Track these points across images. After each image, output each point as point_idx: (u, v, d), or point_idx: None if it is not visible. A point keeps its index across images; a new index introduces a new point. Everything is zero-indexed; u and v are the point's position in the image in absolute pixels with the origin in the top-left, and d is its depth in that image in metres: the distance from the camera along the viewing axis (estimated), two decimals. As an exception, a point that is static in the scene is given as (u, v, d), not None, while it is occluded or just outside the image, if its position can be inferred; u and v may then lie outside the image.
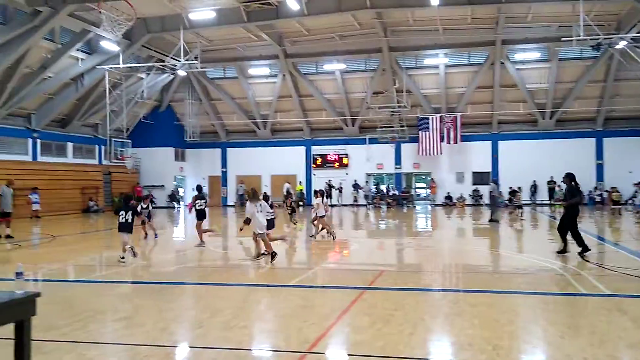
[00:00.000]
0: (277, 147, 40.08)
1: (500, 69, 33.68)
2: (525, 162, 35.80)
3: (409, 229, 22.68)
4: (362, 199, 38.25)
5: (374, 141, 37.63)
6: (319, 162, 39.67)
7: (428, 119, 36.28)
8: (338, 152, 39.45)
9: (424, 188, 40.46)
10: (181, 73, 32.80)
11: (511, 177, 33.95)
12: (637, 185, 29.11)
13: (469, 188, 37.39)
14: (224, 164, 41.51)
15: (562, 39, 26.19)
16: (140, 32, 29.95)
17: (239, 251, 14.95)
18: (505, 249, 15.05)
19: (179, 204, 39.29)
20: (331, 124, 38.98)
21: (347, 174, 39.06)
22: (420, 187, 40.72)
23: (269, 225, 12.86)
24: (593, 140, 35.69)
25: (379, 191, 39.06)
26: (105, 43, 28.90)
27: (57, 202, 30.69)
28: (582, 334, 6.37)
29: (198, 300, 8.81)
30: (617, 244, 15.52)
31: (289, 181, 38.06)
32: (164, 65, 31.81)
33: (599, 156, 35.58)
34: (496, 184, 24.11)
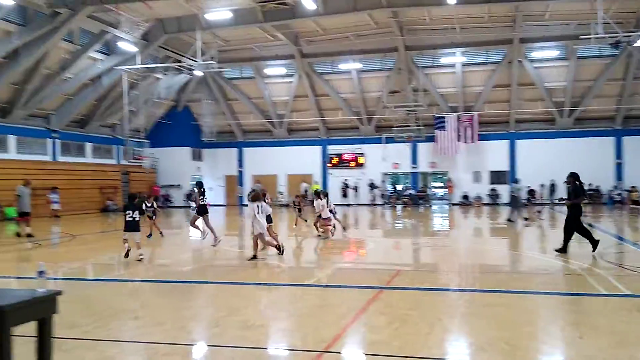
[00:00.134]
0: (293, 146, 40.15)
1: (518, 67, 33.42)
2: (543, 161, 35.44)
3: (425, 228, 22.59)
4: (378, 198, 38.17)
5: (390, 140, 37.53)
6: (335, 161, 39.67)
7: (445, 118, 36.10)
8: (354, 152, 39.41)
9: (440, 187, 40.27)
10: (198, 73, 33.01)
11: (529, 177, 33.61)
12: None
13: (486, 187, 37.13)
14: (241, 163, 41.68)
15: (581, 37, 25.91)
16: (158, 32, 30.21)
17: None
18: (523, 248, 14.93)
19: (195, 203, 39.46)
20: (347, 123, 38.96)
21: (363, 173, 39.00)
22: (436, 187, 40.53)
23: (267, 220, 13.00)
24: (612, 139, 35.26)
25: (395, 191, 38.96)
26: (123, 44, 29.19)
27: (76, 201, 31.04)
28: (602, 334, 6.30)
29: (215, 299, 8.86)
30: (637, 243, 15.32)
31: (306, 181, 38.14)
32: (180, 66, 32.05)
33: (618, 155, 35.14)
34: (517, 184, 23.89)
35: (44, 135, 30.80)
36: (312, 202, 17.81)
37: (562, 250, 12.20)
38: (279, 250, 12.34)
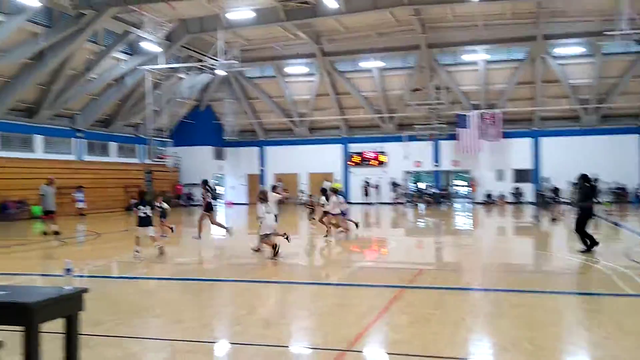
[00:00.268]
0: (315, 145, 40.14)
1: (542, 64, 32.97)
2: (567, 159, 34.86)
3: (447, 227, 22.44)
4: (400, 197, 38.01)
5: (412, 139, 37.33)
6: (356, 160, 39.60)
7: (467, 116, 35.80)
8: (375, 150, 39.29)
9: (463, 186, 39.95)
10: (220, 73, 33.24)
11: (553, 175, 33.15)
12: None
13: (509, 186, 36.74)
14: (262, 162, 41.84)
15: (605, 33, 25.46)
16: (180, 32, 30.47)
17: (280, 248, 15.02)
18: (548, 248, 14.75)
19: (216, 202, 39.78)
20: (368, 121, 38.86)
21: (384, 172, 38.87)
22: (459, 185, 40.22)
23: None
24: (638, 136, 34.59)
25: (417, 189, 38.77)
26: (146, 44, 29.49)
27: (101, 200, 31.46)
28: (628, 335, 6.20)
29: (236, 297, 8.92)
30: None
31: (327, 179, 38.15)
32: (203, 66, 32.28)
33: (645, 152, 34.49)
34: (547, 183, 23.58)
35: (69, 135, 31.28)
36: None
37: (587, 250, 12.07)
38: (275, 250, 12.37)
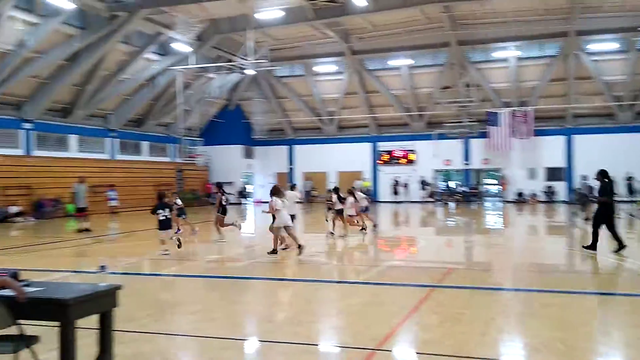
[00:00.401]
0: (343, 143, 40.10)
1: (575, 60, 32.33)
2: (602, 157, 33.94)
3: (478, 226, 22.20)
4: (429, 195, 37.74)
5: (441, 137, 37.01)
6: (385, 158, 39.44)
7: (498, 113, 35.34)
8: (405, 149, 39.07)
9: (493, 184, 39.46)
10: (249, 72, 33.46)
11: (587, 173, 32.47)
12: None
13: (541, 184, 36.15)
14: (291, 160, 41.99)
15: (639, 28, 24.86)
16: (210, 33, 30.77)
17: (306, 247, 15.08)
18: (580, 247, 14.47)
19: (247, 200, 40.12)
20: (398, 119, 38.66)
21: (414, 170, 38.63)
22: (489, 184, 39.73)
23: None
24: (675, 134, 33.68)
25: (447, 188, 38.44)
26: (177, 45, 29.88)
27: (133, 198, 31.97)
28: (666, 338, 6.06)
29: (267, 295, 8.98)
30: None
31: (358, 178, 38.17)
32: (232, 65, 32.54)
33: (681, 150, 33.54)
34: (586, 181, 23.15)
35: (103, 134, 31.89)
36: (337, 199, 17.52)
37: (618, 249, 11.86)
38: (274, 251, 12.49)
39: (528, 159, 36.21)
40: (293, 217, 17.30)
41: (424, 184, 37.98)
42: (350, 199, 16.69)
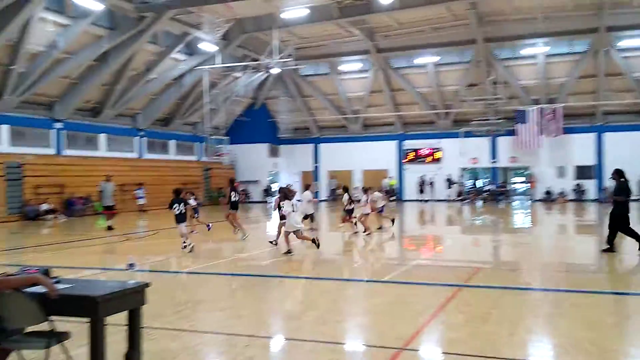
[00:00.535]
0: (369, 142, 39.99)
1: (605, 57, 31.68)
2: (632, 154, 33.35)
3: (506, 225, 21.93)
4: (456, 194, 37.43)
5: (468, 135, 36.64)
6: (411, 156, 39.22)
7: (526, 111, 34.85)
8: (431, 147, 38.80)
9: (521, 183, 38.93)
10: (275, 71, 33.56)
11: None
12: None
13: (571, 183, 35.55)
14: (316, 159, 42.03)
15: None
16: (236, 32, 30.95)
17: (332, 245, 15.10)
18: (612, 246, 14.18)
19: (272, 198, 40.26)
20: (423, 118, 38.40)
21: (440, 168, 38.34)
22: (517, 182, 39.21)
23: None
24: None
25: (474, 186, 38.06)
26: (204, 44, 30.13)
27: (161, 196, 32.30)
28: (701, 340, 5.91)
29: (293, 294, 9.01)
30: None
31: (385, 177, 38.09)
32: (258, 64, 32.69)
33: None
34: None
35: (131, 133, 32.35)
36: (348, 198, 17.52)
37: (608, 249, 11.73)
38: (288, 251, 12.53)
39: (557, 157, 35.66)
40: (310, 216, 17.44)
41: (450, 182, 37.66)
42: (364, 198, 16.61)
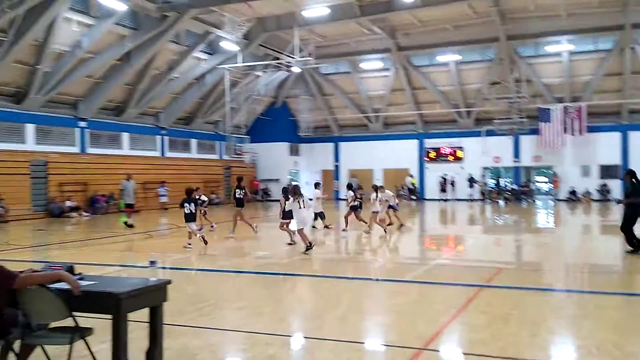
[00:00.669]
0: (390, 140, 39.82)
1: (631, 54, 31.12)
2: (660, 154, 32.85)
3: (528, 225, 21.68)
4: (477, 193, 37.11)
5: (490, 133, 36.26)
6: (432, 155, 38.98)
7: (550, 109, 34.40)
8: (452, 145, 38.51)
9: (545, 182, 38.45)
10: (296, 70, 33.59)
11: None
12: None
13: (595, 182, 35.01)
14: (337, 158, 41.99)
15: None
16: (257, 31, 31.06)
17: (353, 244, 15.08)
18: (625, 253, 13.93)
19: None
20: (445, 116, 38.11)
21: (462, 167, 38.04)
22: (541, 182, 38.73)
23: (288, 216, 13.80)
24: None
25: (496, 185, 37.70)
26: (225, 43, 30.29)
27: (183, 195, 32.59)
28: None
29: (313, 292, 9.01)
30: None
31: (405, 175, 37.94)
32: (279, 63, 32.77)
33: None
34: None
35: (153, 132, 32.67)
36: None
37: (634, 250, 11.55)
38: (309, 246, 12.48)
39: (581, 156, 35.13)
40: (320, 214, 17.52)
41: (471, 181, 37.36)
42: (374, 196, 16.58)
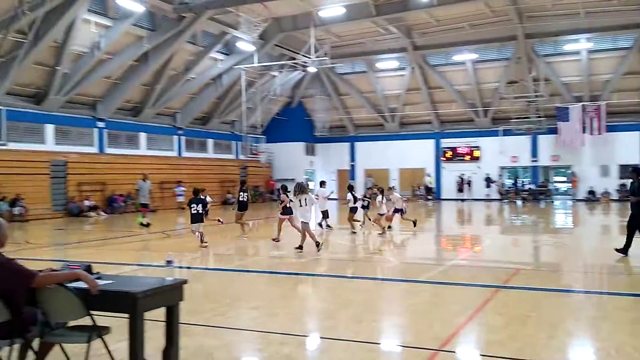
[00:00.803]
0: (406, 140, 39.66)
1: (652, 52, 30.70)
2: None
3: (546, 225, 21.47)
4: (495, 193, 36.83)
5: (508, 133, 35.98)
6: (448, 155, 38.76)
7: (568, 108, 34.04)
8: (469, 145, 38.26)
9: (563, 182, 38.05)
10: (311, 70, 33.59)
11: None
12: None
13: (615, 182, 34.55)
14: (353, 157, 41.93)
15: None
16: (273, 31, 31.12)
17: (369, 244, 15.06)
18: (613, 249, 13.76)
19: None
20: (461, 115, 37.86)
21: (478, 167, 37.78)
22: (559, 181, 38.34)
23: (288, 211, 14.06)
24: None
25: (514, 185, 37.38)
26: (242, 44, 30.41)
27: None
28: None
29: (327, 292, 9.01)
30: None
31: (422, 175, 37.80)
32: (295, 63, 32.81)
33: None
34: None
35: (170, 132, 32.90)
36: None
37: (622, 250, 11.35)
38: (318, 246, 12.60)
39: (600, 155, 34.70)
40: (325, 213, 17.62)
41: (488, 181, 37.08)
42: (379, 198, 16.55)
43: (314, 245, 12.59)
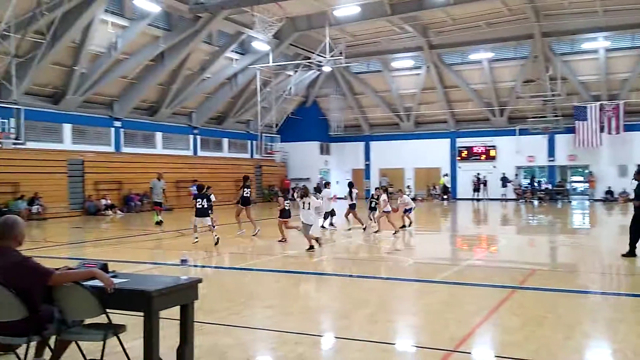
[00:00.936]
0: (421, 139, 39.48)
1: (672, 50, 30.26)
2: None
3: (564, 225, 21.26)
4: (511, 193, 36.54)
5: (524, 132, 35.68)
6: (464, 154, 38.54)
7: (586, 107, 33.66)
8: (485, 144, 38.00)
9: (580, 182, 37.65)
10: (326, 69, 33.58)
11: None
12: None
13: (633, 182, 34.05)
14: (368, 157, 41.84)
15: None
16: (288, 31, 31.16)
17: (384, 244, 15.01)
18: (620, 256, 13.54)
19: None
20: (477, 115, 37.62)
21: (494, 166, 37.51)
22: (576, 181, 37.94)
23: (285, 215, 14.22)
24: None
25: (531, 185, 37.06)
26: (257, 43, 30.50)
27: (215, 193, 32.84)
28: None
29: (342, 292, 8.99)
30: None
31: (436, 174, 37.63)
32: (310, 62, 32.83)
33: None
34: None
35: (186, 131, 33.09)
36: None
37: (629, 254, 11.19)
38: (311, 249, 12.72)
39: (618, 155, 34.26)
40: (331, 213, 17.66)
41: (504, 180, 36.81)
42: (384, 197, 16.52)
43: (307, 245, 12.80)
